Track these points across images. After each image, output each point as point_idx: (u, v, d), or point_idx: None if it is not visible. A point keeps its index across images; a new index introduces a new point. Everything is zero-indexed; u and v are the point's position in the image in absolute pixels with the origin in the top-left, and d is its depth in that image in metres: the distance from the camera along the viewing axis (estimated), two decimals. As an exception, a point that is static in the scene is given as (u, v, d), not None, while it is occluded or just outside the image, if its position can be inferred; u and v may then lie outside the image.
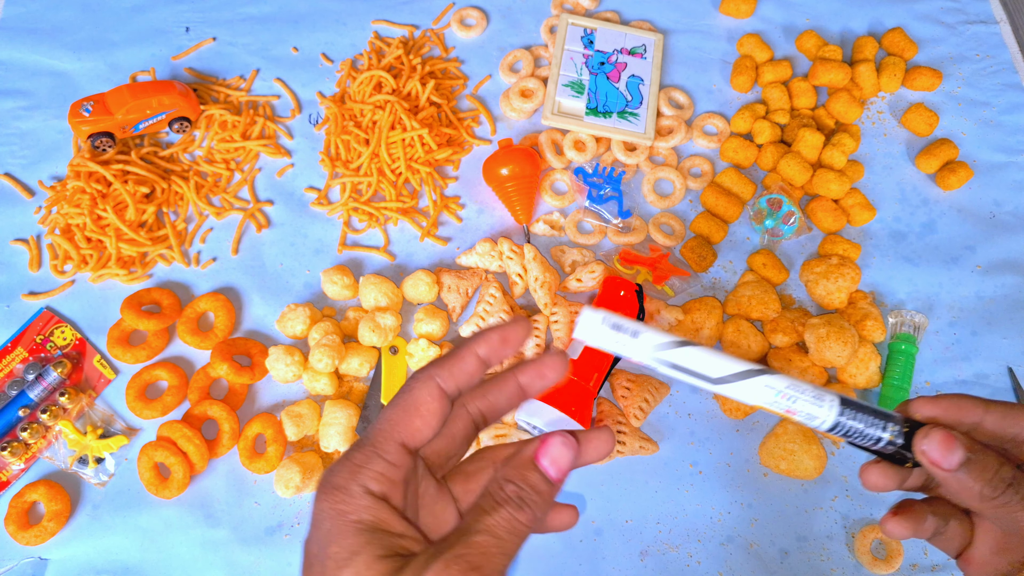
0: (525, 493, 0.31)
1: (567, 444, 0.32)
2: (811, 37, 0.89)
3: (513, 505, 0.30)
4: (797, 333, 0.73)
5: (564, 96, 0.84)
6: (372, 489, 0.30)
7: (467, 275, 0.76)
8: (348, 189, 0.80)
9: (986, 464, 0.34)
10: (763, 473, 0.70)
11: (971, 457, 0.34)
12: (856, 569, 0.66)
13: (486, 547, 0.29)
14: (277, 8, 0.91)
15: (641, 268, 0.76)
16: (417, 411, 0.32)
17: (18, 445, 0.67)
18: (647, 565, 0.66)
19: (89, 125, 0.76)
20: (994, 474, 0.34)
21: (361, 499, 0.30)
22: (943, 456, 0.34)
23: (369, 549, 0.29)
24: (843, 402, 0.35)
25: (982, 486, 0.34)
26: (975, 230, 0.81)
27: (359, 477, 0.30)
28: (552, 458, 0.32)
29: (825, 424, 0.35)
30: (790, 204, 0.77)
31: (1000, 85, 0.88)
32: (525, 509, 0.30)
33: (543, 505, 0.31)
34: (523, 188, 0.77)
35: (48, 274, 0.76)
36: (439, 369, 0.33)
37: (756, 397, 0.35)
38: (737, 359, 0.36)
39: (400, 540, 0.30)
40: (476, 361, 0.33)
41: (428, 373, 0.33)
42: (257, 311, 0.75)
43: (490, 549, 0.29)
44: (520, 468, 0.32)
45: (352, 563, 0.29)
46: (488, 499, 0.31)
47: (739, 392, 0.35)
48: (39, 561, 0.65)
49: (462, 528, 0.30)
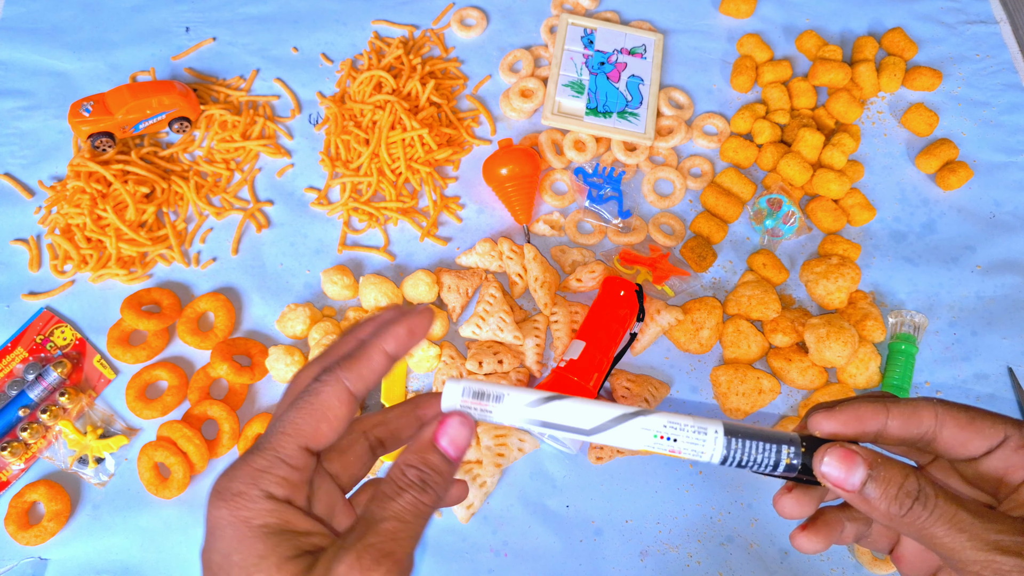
0: (427, 475, 0.31)
1: (465, 423, 0.33)
2: (811, 37, 0.89)
3: (417, 489, 0.31)
4: (797, 333, 0.73)
5: (564, 96, 0.84)
6: (275, 494, 0.30)
7: (467, 275, 0.76)
8: (348, 189, 0.80)
9: (890, 479, 0.31)
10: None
11: (872, 474, 0.31)
12: (856, 569, 0.66)
13: (395, 532, 0.29)
14: (277, 8, 0.91)
15: (641, 268, 0.76)
16: (324, 416, 0.31)
17: (18, 445, 0.67)
18: (647, 565, 0.66)
19: (89, 125, 0.76)
20: (898, 489, 0.31)
21: (264, 503, 0.29)
22: (844, 476, 0.32)
23: (277, 552, 0.29)
24: (728, 431, 0.33)
25: (888, 504, 0.31)
26: (975, 230, 0.81)
27: (260, 482, 0.29)
28: (451, 438, 0.32)
29: (714, 458, 0.34)
30: (790, 204, 0.77)
31: (1000, 85, 0.88)
32: (428, 491, 0.31)
33: (445, 485, 0.32)
34: (523, 188, 0.77)
35: (48, 274, 0.76)
36: (347, 372, 0.31)
37: (634, 441, 0.34)
38: (610, 404, 0.34)
39: (308, 538, 0.30)
40: (384, 359, 0.32)
41: (336, 376, 0.31)
42: (257, 311, 0.75)
43: (399, 534, 0.29)
44: (420, 452, 0.32)
45: (260, 568, 0.28)
46: (391, 485, 0.31)
47: (616, 439, 0.34)
48: (39, 561, 0.65)
49: (368, 517, 0.30)
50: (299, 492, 0.31)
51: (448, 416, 0.33)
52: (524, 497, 0.68)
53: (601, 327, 0.69)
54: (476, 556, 0.66)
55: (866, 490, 0.31)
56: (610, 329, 0.69)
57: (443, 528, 0.67)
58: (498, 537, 0.67)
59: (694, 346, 0.74)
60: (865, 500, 0.32)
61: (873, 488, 0.31)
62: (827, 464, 0.32)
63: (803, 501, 0.35)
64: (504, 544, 0.66)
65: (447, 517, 0.67)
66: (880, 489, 0.31)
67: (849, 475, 0.32)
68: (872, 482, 0.31)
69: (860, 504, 0.32)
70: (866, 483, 0.31)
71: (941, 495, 0.31)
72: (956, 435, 0.33)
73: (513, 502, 0.68)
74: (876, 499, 0.31)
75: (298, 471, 0.30)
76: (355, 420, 0.36)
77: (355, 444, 0.36)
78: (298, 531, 0.30)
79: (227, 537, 0.29)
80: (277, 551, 0.29)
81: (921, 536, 0.31)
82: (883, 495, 0.31)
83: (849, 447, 0.32)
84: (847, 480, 0.32)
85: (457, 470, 0.34)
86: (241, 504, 0.29)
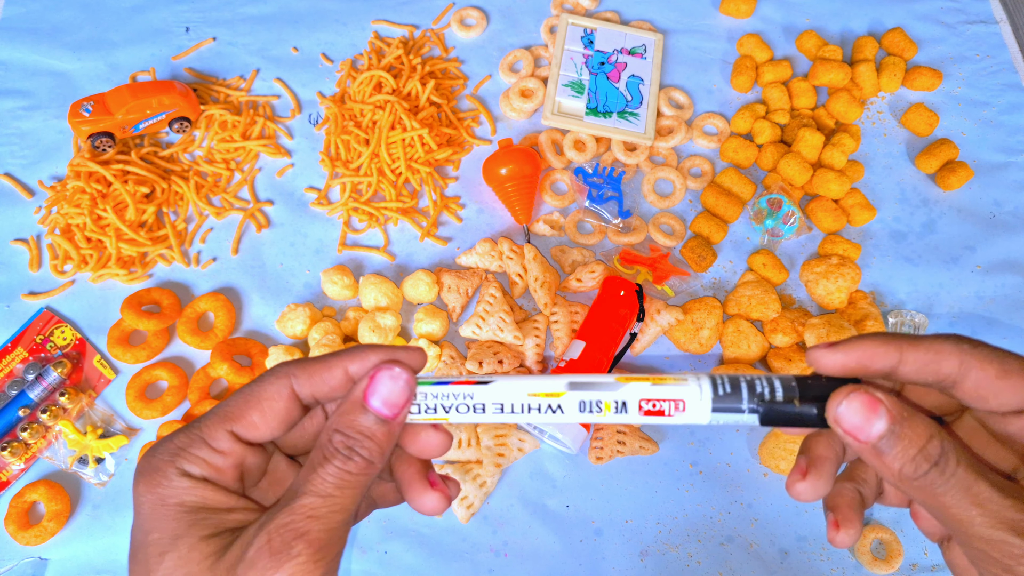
0: (354, 441, 0.28)
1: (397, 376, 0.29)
2: (811, 37, 0.89)
3: (341, 457, 0.28)
4: (797, 333, 0.73)
5: (564, 96, 0.84)
6: (192, 472, 0.28)
7: (467, 275, 0.76)
8: (348, 189, 0.80)
9: (913, 437, 0.27)
10: (763, 473, 0.70)
11: (894, 429, 0.28)
12: (856, 569, 0.66)
13: (312, 509, 0.27)
14: (277, 8, 0.91)
15: (641, 268, 0.76)
16: (259, 405, 0.29)
17: (18, 445, 0.67)
18: (647, 565, 0.66)
19: (89, 125, 0.76)
20: (918, 451, 0.27)
21: (180, 481, 0.28)
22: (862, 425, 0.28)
23: (192, 531, 0.27)
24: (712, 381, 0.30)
25: (902, 464, 0.27)
26: (975, 230, 0.81)
27: (178, 460, 0.28)
28: (382, 396, 0.29)
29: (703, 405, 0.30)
30: (790, 204, 0.77)
31: (1000, 85, 0.88)
32: (355, 458, 0.28)
33: (378, 450, 0.28)
34: (523, 188, 0.77)
35: (48, 274, 0.76)
36: (300, 370, 0.30)
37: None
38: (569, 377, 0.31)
39: (230, 515, 0.28)
40: (342, 375, 0.30)
41: (287, 371, 0.30)
42: (257, 311, 0.75)
43: (317, 510, 0.27)
44: (347, 414, 0.29)
45: (175, 547, 0.27)
46: (317, 453, 0.28)
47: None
48: (39, 561, 0.65)
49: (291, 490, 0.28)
50: (222, 475, 0.29)
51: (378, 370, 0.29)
52: (524, 497, 0.68)
53: (601, 327, 0.69)
54: (476, 556, 0.66)
55: (882, 444, 0.28)
56: (610, 329, 0.69)
57: (443, 528, 0.67)
58: (498, 537, 0.67)
59: (694, 346, 0.74)
60: (878, 455, 0.28)
61: (890, 444, 0.28)
62: (845, 407, 0.28)
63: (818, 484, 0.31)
64: (504, 544, 0.66)
65: (447, 517, 0.67)
66: (898, 447, 0.28)
67: (868, 425, 0.28)
68: (891, 437, 0.28)
69: (871, 458, 0.28)
70: (884, 437, 0.28)
71: (963, 462, 0.27)
72: (983, 386, 0.29)
73: (513, 502, 0.68)
74: (891, 456, 0.28)
75: (220, 454, 0.29)
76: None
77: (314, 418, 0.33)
78: (218, 508, 0.28)
79: (144, 514, 0.28)
80: (193, 530, 0.27)
81: (929, 502, 0.28)
82: (900, 454, 0.28)
83: (875, 393, 0.28)
84: (864, 430, 0.28)
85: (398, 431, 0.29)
86: (156, 481, 0.28)
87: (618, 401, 0.30)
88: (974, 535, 0.27)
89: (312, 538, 0.26)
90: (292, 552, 0.26)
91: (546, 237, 0.79)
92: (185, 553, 0.27)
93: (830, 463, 0.32)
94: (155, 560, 0.27)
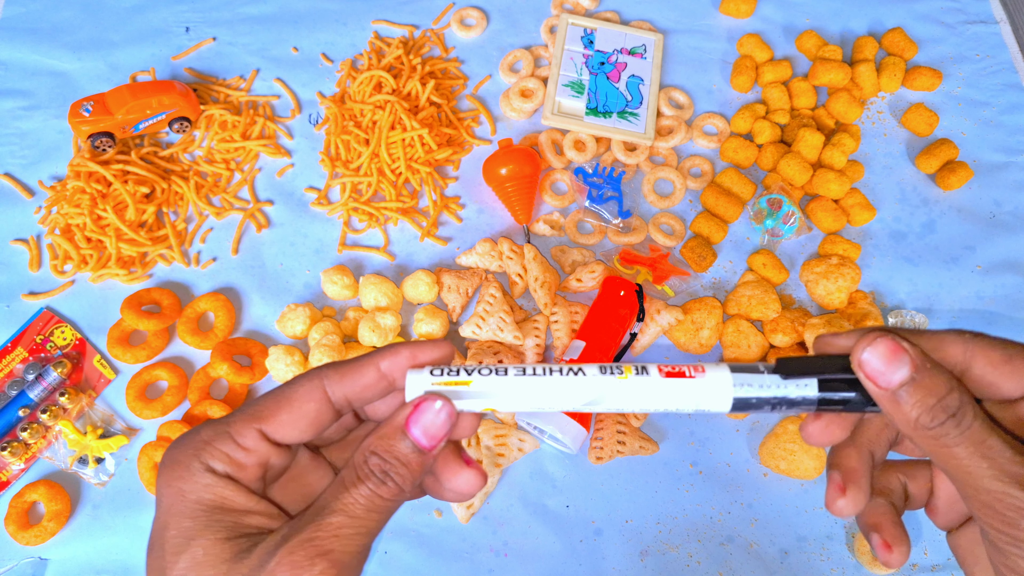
0: (390, 466, 0.28)
1: (443, 410, 0.29)
2: (811, 37, 0.89)
3: (375, 480, 0.28)
4: (797, 333, 0.73)
5: (564, 96, 0.84)
6: (215, 468, 0.28)
7: (467, 275, 0.76)
8: (348, 189, 0.80)
9: (932, 388, 0.28)
10: (763, 473, 0.70)
11: (915, 377, 0.28)
12: (856, 569, 0.66)
13: (338, 528, 0.27)
14: (277, 8, 0.91)
15: (641, 268, 0.76)
16: (289, 406, 0.29)
17: (18, 445, 0.67)
18: (647, 565, 0.66)
19: (89, 125, 0.76)
20: (937, 401, 0.28)
21: (201, 476, 0.27)
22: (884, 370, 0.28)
23: (208, 532, 0.27)
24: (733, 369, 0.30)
25: (919, 412, 0.28)
26: (975, 230, 0.81)
27: (203, 454, 0.28)
28: (424, 426, 0.29)
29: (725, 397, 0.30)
30: (790, 204, 0.77)
31: (1000, 85, 0.88)
32: (388, 483, 0.28)
33: (411, 478, 0.29)
34: (523, 188, 0.77)
35: (48, 274, 0.76)
36: (331, 371, 0.30)
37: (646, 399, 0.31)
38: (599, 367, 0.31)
39: (247, 518, 0.28)
40: (376, 374, 0.30)
41: (319, 373, 0.30)
42: (257, 311, 0.75)
43: (343, 530, 0.27)
44: (387, 438, 0.29)
45: (189, 548, 0.26)
46: (350, 472, 0.28)
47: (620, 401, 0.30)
48: (39, 561, 0.65)
49: (318, 505, 0.28)
50: (245, 472, 0.28)
51: (424, 400, 0.29)
52: (524, 497, 0.68)
53: (601, 327, 0.69)
54: (476, 556, 0.66)
55: (901, 392, 0.28)
56: (610, 329, 0.69)
57: (443, 528, 0.67)
58: (498, 537, 0.67)
59: (694, 346, 0.74)
60: (896, 403, 0.28)
61: (909, 393, 0.28)
62: (870, 352, 0.28)
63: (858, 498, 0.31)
64: (504, 544, 0.66)
65: (447, 517, 0.67)
66: (917, 396, 0.28)
67: (890, 371, 0.28)
68: (911, 386, 0.28)
69: (889, 406, 0.29)
70: (905, 384, 0.28)
71: (979, 417, 0.28)
72: (988, 373, 0.30)
73: (513, 502, 0.68)
74: (909, 405, 0.28)
75: (245, 451, 0.28)
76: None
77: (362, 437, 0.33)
78: (237, 509, 0.28)
79: (163, 508, 0.28)
80: (209, 531, 0.27)
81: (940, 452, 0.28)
82: (918, 403, 0.28)
83: (900, 341, 0.28)
84: (885, 375, 0.28)
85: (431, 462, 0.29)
86: (178, 474, 0.28)
87: (638, 365, 0.30)
88: (980, 487, 0.27)
89: (335, 558, 0.26)
90: (314, 569, 0.26)
91: (546, 237, 0.79)
92: (200, 554, 0.26)
93: (863, 475, 0.32)
94: (171, 558, 0.27)
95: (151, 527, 0.28)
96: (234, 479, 0.28)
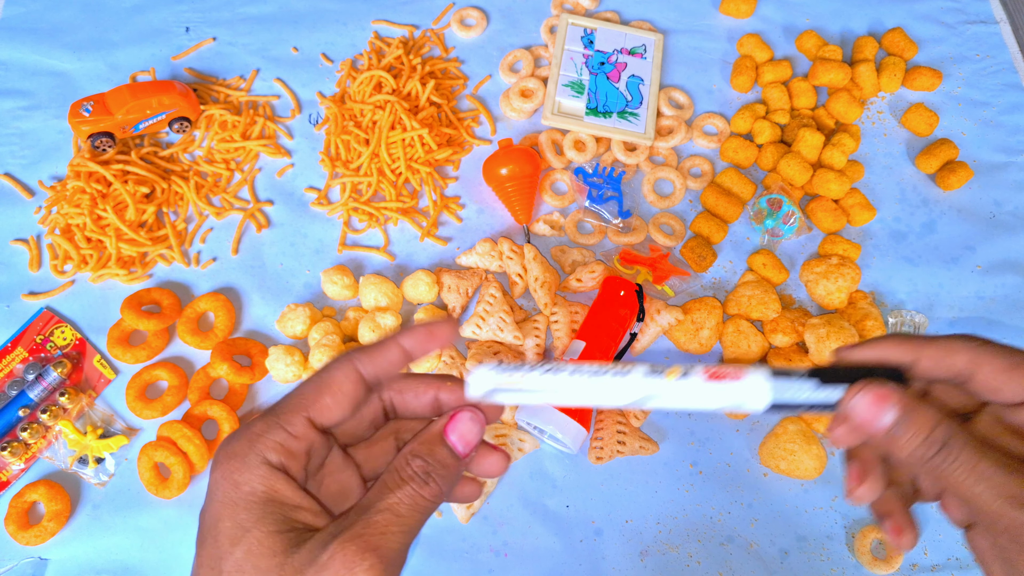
0: (432, 468, 0.31)
1: (475, 419, 0.33)
2: (811, 37, 0.89)
3: (418, 481, 0.30)
4: (797, 333, 0.73)
5: (564, 96, 0.84)
6: (270, 459, 0.30)
7: (467, 275, 0.76)
8: (348, 189, 0.80)
9: (921, 424, 0.31)
10: (763, 473, 0.70)
11: (904, 418, 0.31)
12: (856, 569, 0.66)
13: (385, 526, 0.29)
14: (277, 8, 0.91)
15: (641, 268, 0.76)
16: (329, 389, 0.32)
17: (18, 445, 0.67)
18: (647, 565, 0.66)
19: (89, 125, 0.76)
20: (927, 436, 0.31)
21: (257, 468, 0.29)
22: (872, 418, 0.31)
23: (262, 524, 0.28)
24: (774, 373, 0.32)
25: (914, 447, 0.31)
26: (975, 230, 0.81)
27: (257, 446, 0.30)
28: (460, 433, 0.32)
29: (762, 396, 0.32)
30: (790, 204, 0.77)
31: (1000, 85, 0.88)
32: (431, 484, 0.31)
33: (449, 480, 0.32)
34: (523, 188, 0.77)
35: (48, 274, 0.76)
36: (361, 354, 0.32)
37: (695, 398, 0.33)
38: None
39: (297, 513, 0.29)
40: (399, 351, 0.33)
41: (349, 356, 0.32)
42: (257, 311, 0.75)
43: (389, 528, 0.29)
44: (428, 443, 0.32)
45: (244, 539, 0.28)
46: (393, 475, 0.31)
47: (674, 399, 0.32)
48: (39, 561, 0.65)
49: (364, 504, 0.30)
50: (295, 461, 0.30)
51: (459, 411, 0.33)
52: (524, 497, 0.68)
53: (601, 327, 0.69)
54: (476, 556, 0.66)
55: (895, 431, 0.31)
56: (610, 329, 0.69)
57: (443, 528, 0.67)
58: (498, 537, 0.67)
59: (694, 346, 0.74)
60: (892, 440, 0.31)
61: (902, 431, 0.31)
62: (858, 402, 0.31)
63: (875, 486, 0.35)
64: (504, 544, 0.66)
65: (447, 517, 0.67)
66: (909, 432, 0.31)
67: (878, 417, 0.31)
68: (902, 424, 0.31)
69: (884, 441, 0.32)
70: (895, 424, 0.31)
71: (968, 444, 0.30)
72: (993, 379, 0.32)
73: (513, 502, 0.68)
74: (903, 442, 0.31)
75: (296, 439, 0.30)
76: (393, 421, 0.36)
77: (384, 439, 0.36)
78: (288, 503, 0.29)
79: (218, 500, 0.29)
80: (262, 523, 0.28)
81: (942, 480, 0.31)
82: (911, 439, 0.31)
83: (883, 389, 0.31)
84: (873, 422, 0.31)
85: (464, 467, 0.33)
86: (235, 467, 0.29)
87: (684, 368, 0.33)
88: (983, 509, 0.30)
89: (383, 553, 0.28)
90: (365, 564, 0.27)
91: (546, 237, 0.79)
92: (255, 545, 0.28)
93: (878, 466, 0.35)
94: (226, 549, 0.28)
95: (200, 520, 0.30)
96: (286, 471, 0.30)
